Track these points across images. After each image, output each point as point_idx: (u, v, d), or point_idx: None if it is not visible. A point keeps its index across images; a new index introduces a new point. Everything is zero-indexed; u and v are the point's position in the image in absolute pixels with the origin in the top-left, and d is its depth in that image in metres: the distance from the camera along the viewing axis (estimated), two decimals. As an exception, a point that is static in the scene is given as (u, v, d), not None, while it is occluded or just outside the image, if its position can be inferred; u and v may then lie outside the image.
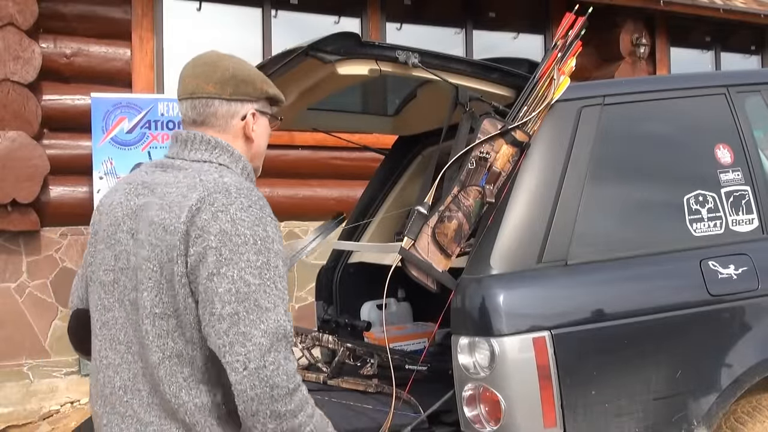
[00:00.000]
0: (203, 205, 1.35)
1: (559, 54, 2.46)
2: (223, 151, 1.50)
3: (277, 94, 1.62)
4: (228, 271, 1.30)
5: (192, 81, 1.53)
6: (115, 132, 5.21)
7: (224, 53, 1.60)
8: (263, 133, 1.60)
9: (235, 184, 1.39)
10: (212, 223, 1.33)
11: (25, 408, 4.53)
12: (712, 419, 2.25)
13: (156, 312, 1.36)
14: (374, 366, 2.70)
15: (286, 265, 1.42)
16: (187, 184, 1.40)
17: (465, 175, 2.30)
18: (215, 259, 1.31)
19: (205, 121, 1.52)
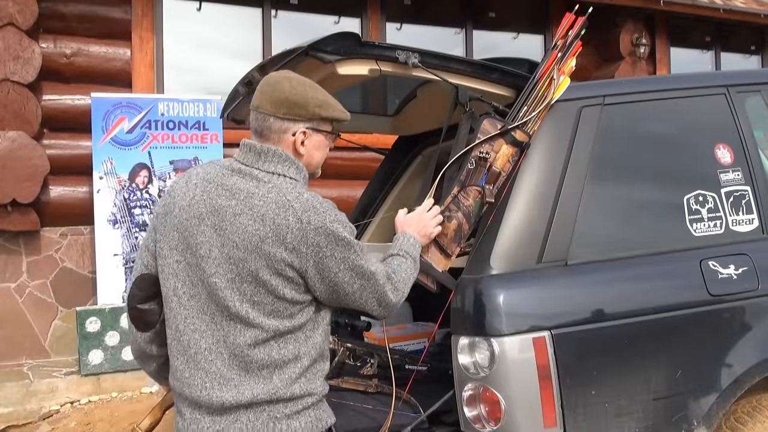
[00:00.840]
0: (303, 225, 1.69)
1: (559, 54, 2.46)
2: (291, 165, 1.80)
3: (333, 115, 1.87)
4: (342, 256, 1.75)
5: (259, 96, 1.83)
6: (115, 132, 5.21)
7: (292, 75, 1.86)
8: (315, 147, 1.88)
9: (314, 198, 1.77)
10: (318, 238, 1.70)
11: (25, 408, 4.53)
12: (712, 419, 2.25)
13: (241, 296, 1.68)
14: (374, 366, 2.69)
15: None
16: (275, 200, 1.70)
17: (465, 175, 2.30)
18: (325, 254, 1.71)
19: (263, 133, 1.81)
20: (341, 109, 1.90)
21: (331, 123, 1.90)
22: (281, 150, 1.80)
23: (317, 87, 1.88)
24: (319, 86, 1.90)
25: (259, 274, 1.67)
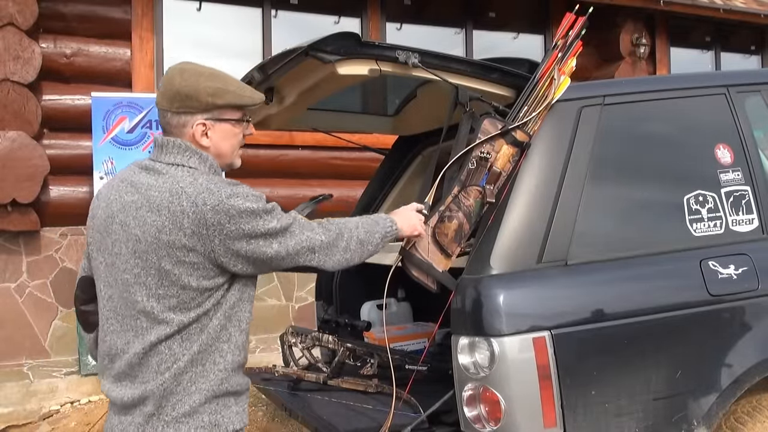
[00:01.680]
0: (199, 207, 1.65)
1: (559, 54, 2.45)
2: (192, 154, 1.76)
3: (230, 102, 1.78)
4: (258, 228, 1.70)
5: (157, 93, 1.83)
6: (115, 132, 5.20)
7: (188, 67, 1.79)
8: (222, 138, 1.80)
9: (209, 181, 1.69)
10: (217, 216, 1.65)
11: (25, 408, 4.53)
12: (712, 419, 2.25)
13: (147, 291, 1.67)
14: (374, 366, 2.70)
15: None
16: (169, 189, 1.67)
17: (465, 175, 2.30)
18: (237, 232, 1.67)
19: (165, 129, 1.81)
20: (243, 93, 1.80)
21: (239, 109, 1.82)
22: (180, 140, 1.76)
23: (216, 75, 1.79)
24: (222, 73, 1.80)
25: (162, 265, 1.64)
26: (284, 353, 3.09)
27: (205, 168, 1.76)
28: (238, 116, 1.81)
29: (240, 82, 1.82)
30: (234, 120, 1.81)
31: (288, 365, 3.03)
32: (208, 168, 1.77)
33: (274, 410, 4.00)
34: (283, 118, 2.99)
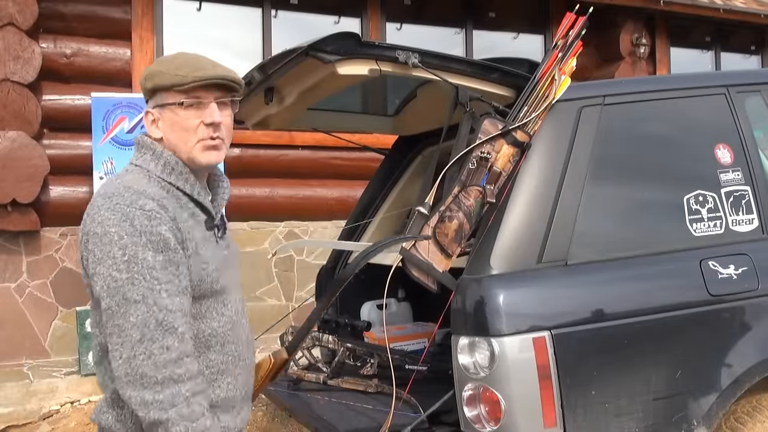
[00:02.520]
0: (87, 212, 1.53)
1: (559, 54, 2.46)
2: (146, 151, 1.60)
3: (157, 84, 1.54)
4: (100, 269, 1.43)
5: None
6: (115, 132, 5.20)
7: (164, 58, 1.63)
8: (168, 128, 1.57)
9: (120, 185, 1.51)
10: (88, 226, 1.48)
11: (25, 408, 4.52)
12: (712, 419, 2.25)
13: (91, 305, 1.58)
14: (374, 366, 2.70)
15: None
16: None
17: (466, 175, 2.30)
18: (92, 260, 1.45)
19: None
20: (174, 72, 1.53)
21: (179, 92, 1.53)
22: (141, 137, 1.62)
23: (166, 59, 1.59)
24: (178, 56, 1.59)
25: (84, 279, 1.54)
26: (284, 353, 3.09)
27: (158, 168, 1.56)
28: (178, 100, 1.53)
29: (186, 62, 1.55)
30: (175, 104, 1.54)
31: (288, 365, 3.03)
32: (161, 167, 1.56)
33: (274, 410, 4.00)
34: (283, 118, 2.99)
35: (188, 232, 1.52)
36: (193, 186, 1.58)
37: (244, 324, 1.69)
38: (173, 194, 1.55)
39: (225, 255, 1.65)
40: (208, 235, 1.60)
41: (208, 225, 1.61)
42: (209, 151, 1.56)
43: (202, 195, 1.60)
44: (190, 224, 1.54)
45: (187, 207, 1.57)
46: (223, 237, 1.67)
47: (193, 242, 1.52)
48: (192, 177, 1.58)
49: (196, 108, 1.55)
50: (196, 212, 1.59)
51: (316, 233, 6.07)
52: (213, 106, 1.55)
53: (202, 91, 1.54)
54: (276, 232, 5.94)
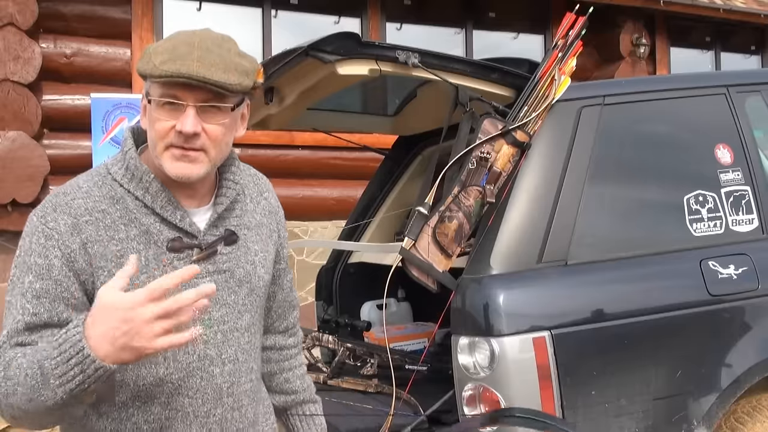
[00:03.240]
0: None
1: (559, 54, 2.45)
2: (122, 146, 1.38)
3: (142, 71, 1.27)
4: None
5: None
6: (115, 132, 5.20)
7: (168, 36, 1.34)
8: (149, 120, 1.31)
9: (61, 188, 1.35)
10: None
11: (25, 408, 4.53)
12: (712, 419, 2.25)
13: None
14: (374, 366, 2.70)
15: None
16: None
17: (465, 175, 2.30)
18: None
19: None
20: (148, 59, 1.26)
21: (158, 84, 1.27)
22: (130, 128, 1.43)
23: (164, 39, 1.33)
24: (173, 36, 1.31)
25: None
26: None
27: (120, 170, 1.34)
28: (154, 94, 1.28)
29: (172, 46, 1.26)
30: (149, 97, 1.29)
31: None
32: (123, 171, 1.34)
33: (274, 410, 3.99)
34: (283, 118, 2.99)
35: (114, 255, 1.27)
36: (156, 196, 1.32)
37: (218, 373, 1.36)
38: (124, 204, 1.31)
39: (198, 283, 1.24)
40: (168, 258, 1.32)
41: (174, 246, 1.32)
42: (178, 162, 1.28)
43: (167, 209, 1.32)
44: (131, 245, 1.29)
45: (137, 222, 1.31)
46: (211, 260, 1.36)
47: (119, 267, 1.20)
48: (155, 185, 1.32)
49: (170, 109, 1.27)
50: (155, 229, 1.32)
51: (316, 233, 6.07)
52: (189, 112, 1.26)
53: (180, 89, 1.25)
54: (276, 232, 5.93)
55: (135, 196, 1.32)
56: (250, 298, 1.43)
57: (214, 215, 1.39)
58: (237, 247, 1.41)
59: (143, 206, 1.33)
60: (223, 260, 1.39)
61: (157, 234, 1.32)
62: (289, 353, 1.70)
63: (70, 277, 1.27)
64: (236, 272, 1.40)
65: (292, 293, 1.69)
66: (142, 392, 1.31)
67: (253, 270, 1.44)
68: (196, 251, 1.34)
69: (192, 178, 1.31)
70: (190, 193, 1.38)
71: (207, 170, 1.32)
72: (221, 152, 1.35)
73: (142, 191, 1.33)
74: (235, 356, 1.39)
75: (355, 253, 3.34)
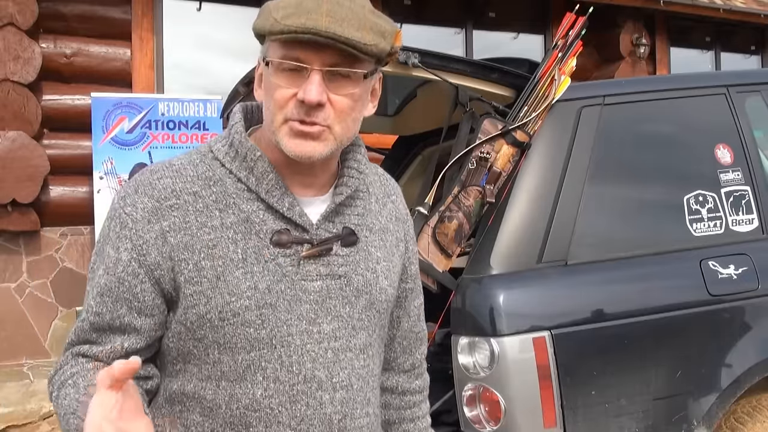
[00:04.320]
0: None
1: (559, 54, 2.46)
2: (230, 122, 1.18)
3: (257, 25, 1.10)
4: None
5: None
6: (115, 132, 5.20)
7: None
8: (265, 89, 1.13)
9: (150, 167, 1.15)
10: None
11: (25, 408, 4.52)
12: (712, 419, 2.25)
13: None
14: (374, 366, 2.69)
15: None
16: None
17: (465, 175, 2.30)
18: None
19: None
20: (273, 12, 1.06)
21: (279, 44, 1.07)
22: (243, 105, 1.23)
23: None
24: None
25: None
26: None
27: (223, 148, 1.15)
28: (274, 55, 1.08)
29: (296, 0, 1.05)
30: (268, 60, 1.09)
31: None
32: (226, 148, 1.14)
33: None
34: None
35: (204, 245, 1.08)
36: (262, 178, 1.11)
37: (328, 400, 1.12)
38: (222, 187, 1.12)
39: (307, 287, 1.12)
40: (271, 253, 1.10)
41: (280, 239, 1.11)
42: (297, 140, 1.07)
43: (274, 194, 1.11)
44: (226, 233, 1.09)
45: (236, 207, 1.11)
46: (324, 261, 1.14)
47: (214, 261, 1.08)
48: (262, 165, 1.11)
49: (292, 74, 1.06)
50: (257, 217, 1.11)
51: (316, 233, 6.06)
52: (314, 78, 1.05)
53: (304, 49, 1.04)
54: (276, 232, 5.93)
55: (237, 177, 1.12)
56: (368, 312, 1.18)
57: (331, 206, 1.17)
58: (356, 250, 1.18)
59: (246, 190, 1.12)
60: (338, 263, 1.15)
61: (259, 224, 1.11)
62: (413, 400, 1.41)
63: (138, 275, 1.08)
64: (353, 279, 1.16)
65: (420, 323, 1.41)
66: (235, 418, 1.09)
67: (375, 279, 1.20)
68: (306, 247, 1.12)
69: (314, 157, 1.08)
70: (309, 180, 1.16)
71: (331, 150, 1.10)
72: (348, 130, 1.14)
73: (245, 172, 1.12)
74: (348, 381, 1.14)
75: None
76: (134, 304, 1.09)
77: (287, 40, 1.04)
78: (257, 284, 1.08)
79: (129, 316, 1.09)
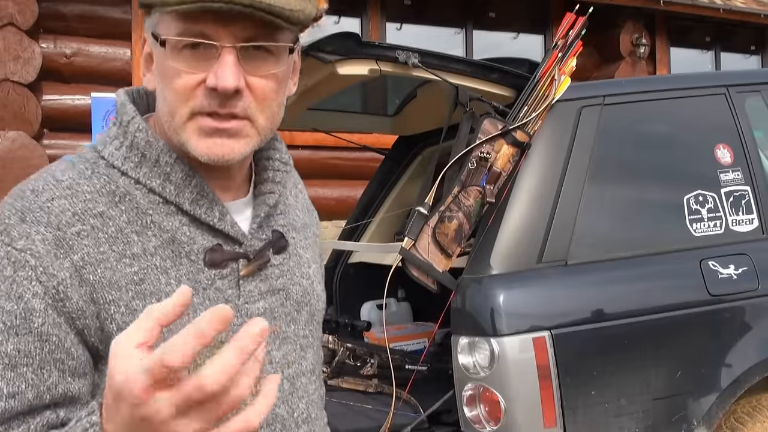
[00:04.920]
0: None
1: (559, 54, 2.46)
2: (118, 117, 0.92)
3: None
4: None
5: None
6: (115, 132, 5.20)
7: None
8: (159, 75, 0.87)
9: (25, 186, 0.87)
10: None
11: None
12: (712, 419, 2.25)
13: None
14: (374, 366, 2.70)
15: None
16: None
17: (465, 175, 2.30)
18: None
19: None
20: None
21: (176, 17, 0.82)
22: (124, 91, 0.95)
23: None
24: None
25: None
26: (284, 353, 3.09)
27: (119, 152, 0.88)
28: (168, 32, 0.83)
29: None
30: (162, 37, 0.84)
31: (288, 365, 3.03)
32: (124, 152, 0.88)
33: (274, 410, 4.00)
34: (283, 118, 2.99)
35: (130, 280, 0.84)
36: (182, 186, 0.88)
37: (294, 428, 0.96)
38: (131, 203, 0.87)
39: (251, 310, 0.92)
40: (207, 277, 0.89)
41: (213, 258, 0.89)
42: (210, 139, 0.84)
43: (201, 204, 0.89)
44: (152, 262, 0.86)
45: (156, 227, 0.87)
46: (261, 276, 0.94)
47: (146, 300, 0.84)
48: (180, 170, 0.88)
49: (196, 54, 0.83)
50: (184, 235, 0.88)
51: (316, 233, 6.06)
52: (227, 58, 0.82)
53: (210, 22, 0.81)
54: (276, 232, 5.93)
55: (149, 187, 0.88)
56: (311, 327, 1.02)
57: (264, 209, 0.96)
58: (288, 256, 0.99)
59: (162, 202, 0.88)
60: (275, 275, 0.96)
61: (188, 243, 0.88)
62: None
63: (60, 325, 0.80)
64: (292, 291, 0.98)
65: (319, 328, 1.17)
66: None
67: (311, 287, 1.03)
68: (242, 262, 0.91)
69: (233, 159, 0.86)
70: (226, 182, 0.94)
71: (253, 147, 0.89)
72: (273, 119, 0.91)
73: (159, 179, 0.88)
74: (307, 413, 0.99)
75: (355, 253, 3.35)
76: (68, 363, 0.81)
77: (188, 11, 0.79)
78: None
79: (63, 382, 0.80)
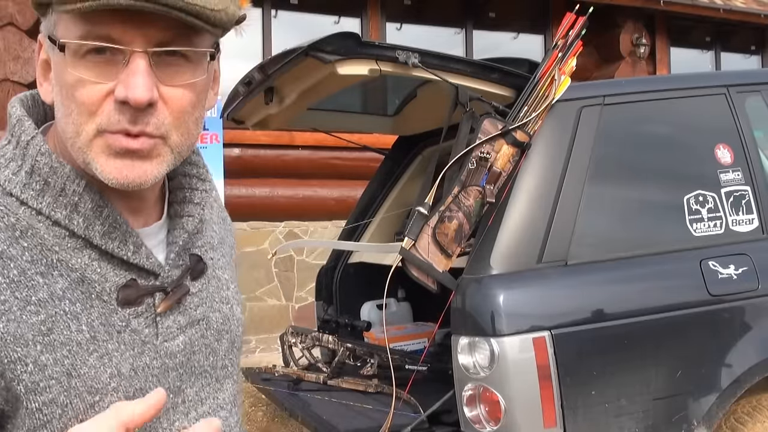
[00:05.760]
0: None
1: (559, 54, 2.46)
2: (9, 135, 0.79)
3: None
4: None
5: None
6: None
7: None
8: (57, 87, 0.75)
9: None
10: None
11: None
12: (712, 419, 2.25)
13: None
14: (374, 366, 2.70)
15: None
16: None
17: (465, 175, 2.30)
18: None
19: None
20: None
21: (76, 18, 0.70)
22: (14, 101, 0.82)
23: None
24: None
25: None
26: (284, 353, 3.09)
27: (16, 178, 0.75)
28: (68, 31, 0.71)
29: None
30: (62, 41, 0.71)
31: (288, 365, 3.03)
32: (23, 178, 0.75)
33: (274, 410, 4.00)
34: (283, 118, 2.99)
35: (37, 331, 0.72)
36: (92, 220, 0.76)
37: None
38: (34, 238, 0.74)
39: (171, 348, 0.82)
40: (120, 318, 0.78)
41: (127, 296, 0.78)
42: (120, 161, 0.73)
43: (113, 237, 0.78)
44: (60, 307, 0.73)
45: (63, 266, 0.75)
46: (180, 308, 0.84)
47: (56, 353, 0.72)
48: (90, 199, 0.76)
49: (101, 61, 0.71)
50: (94, 273, 0.77)
51: (316, 233, 6.07)
52: (137, 64, 0.70)
53: (117, 23, 0.70)
54: (276, 232, 5.94)
55: (53, 220, 0.75)
56: (231, 355, 0.93)
57: (182, 235, 0.86)
58: (207, 280, 0.89)
59: (69, 235, 0.76)
60: (194, 304, 0.86)
61: (99, 281, 0.77)
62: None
63: None
64: (212, 320, 0.89)
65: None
66: None
67: (230, 311, 0.93)
68: (159, 297, 0.81)
69: (146, 184, 0.75)
70: (136, 204, 0.83)
71: (168, 168, 0.77)
72: (190, 136, 0.78)
73: (65, 210, 0.75)
74: None
75: (355, 253, 3.34)
76: None
77: (91, 10, 0.67)
78: (119, 368, 0.76)
79: None
